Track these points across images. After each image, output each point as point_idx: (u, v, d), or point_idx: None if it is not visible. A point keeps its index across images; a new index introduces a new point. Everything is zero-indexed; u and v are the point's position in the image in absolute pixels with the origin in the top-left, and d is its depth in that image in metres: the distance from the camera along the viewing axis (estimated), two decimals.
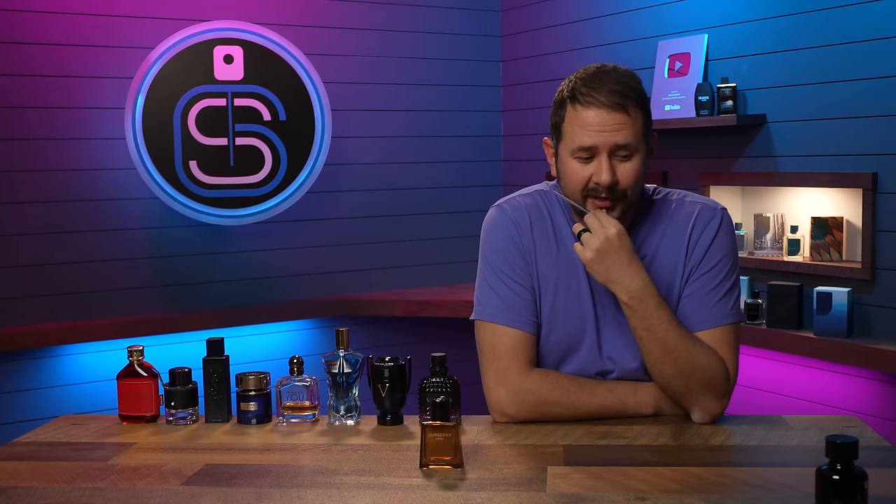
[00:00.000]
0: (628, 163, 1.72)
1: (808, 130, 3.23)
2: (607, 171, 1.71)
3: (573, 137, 1.73)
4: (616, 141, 1.70)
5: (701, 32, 3.55)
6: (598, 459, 1.61)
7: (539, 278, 1.85)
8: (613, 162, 1.72)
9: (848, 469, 1.24)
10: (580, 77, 1.75)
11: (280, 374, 1.92)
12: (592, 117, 1.70)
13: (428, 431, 1.57)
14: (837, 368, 3.20)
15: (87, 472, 1.62)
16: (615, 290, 1.75)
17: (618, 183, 1.72)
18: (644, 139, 1.74)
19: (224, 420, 1.92)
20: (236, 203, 3.81)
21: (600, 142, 1.70)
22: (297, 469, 1.61)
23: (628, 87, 1.72)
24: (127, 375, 1.93)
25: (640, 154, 1.73)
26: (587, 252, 1.73)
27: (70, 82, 3.65)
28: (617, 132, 1.70)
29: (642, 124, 1.73)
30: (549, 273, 1.85)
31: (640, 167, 1.73)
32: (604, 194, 1.73)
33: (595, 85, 1.72)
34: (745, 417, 1.86)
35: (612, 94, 1.70)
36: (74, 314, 3.69)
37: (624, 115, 1.70)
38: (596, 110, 1.70)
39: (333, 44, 4.13)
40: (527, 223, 1.86)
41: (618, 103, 1.70)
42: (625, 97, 1.70)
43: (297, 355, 1.91)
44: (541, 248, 1.85)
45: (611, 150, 1.71)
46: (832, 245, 3.18)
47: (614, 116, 1.70)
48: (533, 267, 1.85)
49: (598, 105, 1.70)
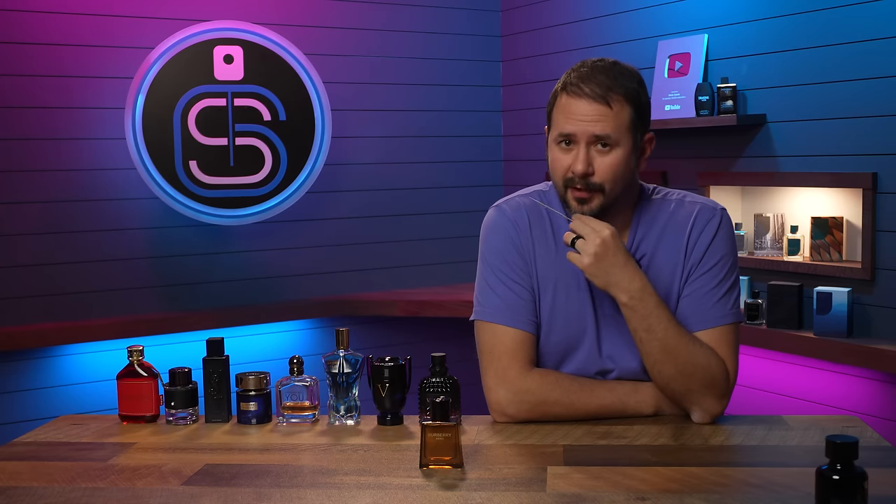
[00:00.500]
0: (607, 156, 1.73)
1: (808, 130, 3.23)
2: (582, 161, 1.73)
3: (557, 124, 1.77)
4: (594, 132, 1.72)
5: (701, 32, 3.55)
6: (598, 459, 1.61)
7: (538, 278, 1.85)
8: (592, 153, 1.73)
9: (848, 469, 1.24)
10: (576, 69, 1.78)
11: (280, 374, 1.91)
12: (575, 106, 1.73)
13: (428, 431, 1.57)
14: (837, 368, 3.20)
15: (87, 472, 1.62)
16: (615, 293, 1.74)
17: (593, 174, 1.74)
18: (629, 135, 1.74)
19: (224, 420, 1.92)
20: (236, 203, 3.81)
21: (578, 130, 1.73)
22: (297, 469, 1.61)
23: (619, 82, 1.73)
24: (127, 375, 1.93)
25: (621, 149, 1.74)
26: (584, 258, 1.73)
27: (70, 82, 3.65)
28: (595, 123, 1.72)
29: (628, 120, 1.74)
30: (548, 273, 1.85)
31: (619, 162, 1.74)
32: (579, 185, 1.75)
33: (585, 77, 1.74)
34: (745, 417, 1.86)
35: (598, 87, 1.72)
36: (74, 314, 3.69)
37: (605, 107, 1.71)
38: (579, 100, 1.73)
39: (333, 44, 4.13)
40: (525, 223, 1.86)
41: (601, 95, 1.71)
42: (610, 90, 1.72)
43: (296, 355, 1.91)
44: (539, 248, 1.85)
45: (589, 141, 1.73)
46: (832, 245, 3.18)
47: (595, 108, 1.72)
48: (532, 267, 1.85)
49: (582, 95, 1.73)
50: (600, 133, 1.72)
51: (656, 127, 3.61)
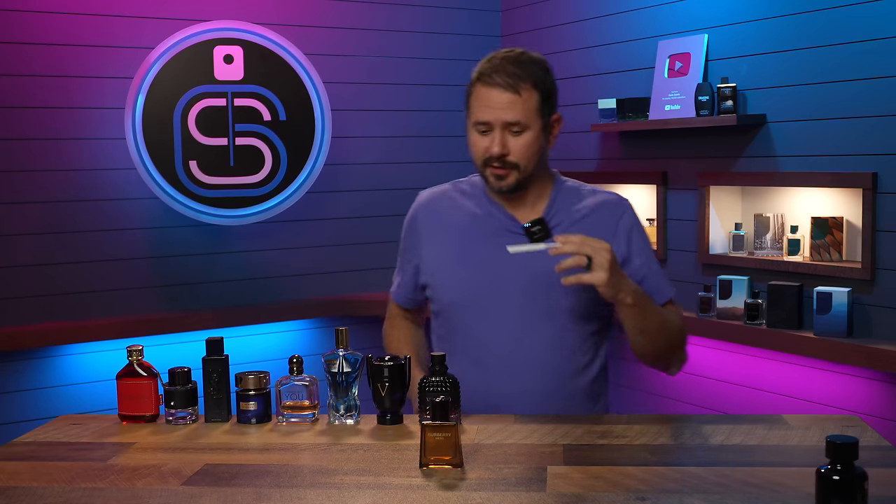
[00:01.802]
0: (520, 137, 1.94)
1: (808, 130, 3.23)
2: (498, 144, 1.94)
3: (474, 112, 1.97)
4: (506, 118, 1.92)
5: (701, 32, 3.55)
6: (598, 459, 1.61)
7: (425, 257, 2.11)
8: (506, 136, 1.94)
9: (848, 469, 1.24)
10: (488, 60, 1.98)
11: (280, 374, 1.91)
12: (488, 95, 1.93)
13: (428, 431, 1.57)
14: (837, 368, 3.19)
15: (86, 472, 1.62)
16: (622, 298, 1.84)
17: (508, 154, 1.95)
18: (538, 117, 1.95)
19: (224, 420, 1.92)
20: (236, 203, 3.81)
21: (493, 118, 1.93)
22: (296, 469, 1.61)
23: (526, 71, 1.93)
24: (126, 375, 1.93)
25: (532, 130, 1.95)
26: (601, 274, 1.80)
27: (70, 82, 3.65)
28: (507, 110, 1.92)
29: (536, 105, 1.94)
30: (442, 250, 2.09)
31: (530, 142, 1.95)
32: (496, 163, 1.95)
33: (496, 68, 1.94)
34: (745, 417, 1.86)
35: (508, 77, 1.92)
36: (74, 314, 3.69)
37: (515, 95, 1.92)
38: (491, 90, 1.93)
39: (333, 44, 4.13)
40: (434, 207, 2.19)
41: (511, 85, 1.92)
42: (519, 80, 1.92)
43: (296, 355, 1.91)
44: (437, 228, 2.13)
45: (503, 126, 1.93)
46: (832, 245, 3.18)
47: (506, 96, 1.92)
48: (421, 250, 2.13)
49: (494, 85, 1.93)
50: (512, 119, 1.93)
51: (656, 127, 3.61)
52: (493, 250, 2.00)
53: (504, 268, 1.98)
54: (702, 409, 3.65)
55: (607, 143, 4.00)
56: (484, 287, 2.00)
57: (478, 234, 2.04)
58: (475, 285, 2.01)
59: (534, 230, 1.89)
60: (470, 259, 2.03)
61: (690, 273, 3.65)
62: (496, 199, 2.05)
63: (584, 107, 4.04)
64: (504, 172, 1.96)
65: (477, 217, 2.06)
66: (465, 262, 2.03)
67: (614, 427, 1.78)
